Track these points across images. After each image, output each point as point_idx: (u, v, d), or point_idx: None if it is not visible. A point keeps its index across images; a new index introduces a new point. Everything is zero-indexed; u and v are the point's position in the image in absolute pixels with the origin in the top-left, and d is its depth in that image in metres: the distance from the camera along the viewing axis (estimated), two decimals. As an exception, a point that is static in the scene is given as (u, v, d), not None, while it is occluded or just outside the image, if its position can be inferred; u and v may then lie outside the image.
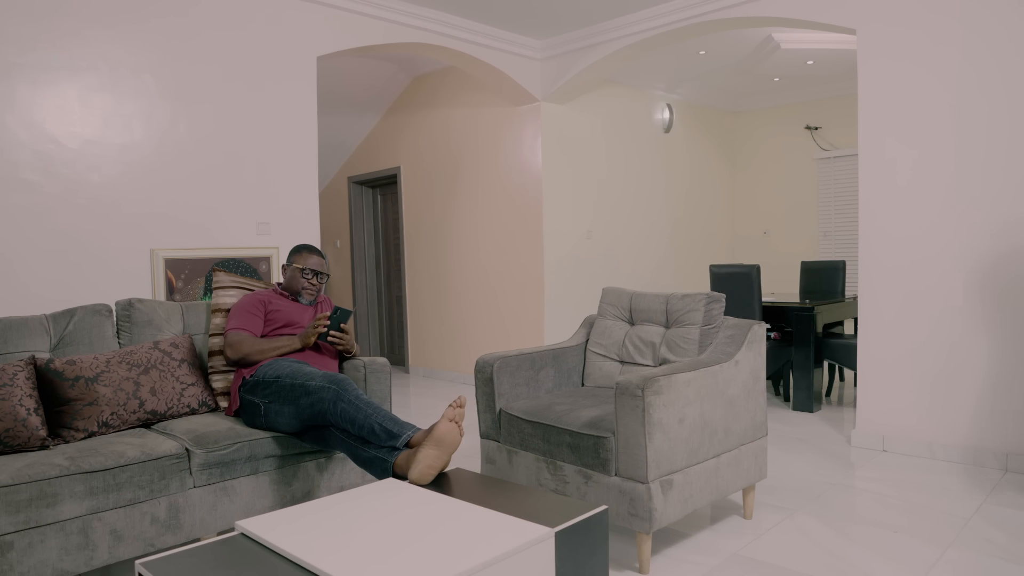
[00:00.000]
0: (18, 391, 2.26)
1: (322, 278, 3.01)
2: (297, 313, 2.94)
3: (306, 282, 2.97)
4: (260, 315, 2.87)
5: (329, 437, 2.42)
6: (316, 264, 2.99)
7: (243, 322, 2.82)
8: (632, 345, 3.04)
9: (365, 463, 2.29)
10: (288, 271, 3.01)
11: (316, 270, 2.98)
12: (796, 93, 6.99)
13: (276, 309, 2.91)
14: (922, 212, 3.64)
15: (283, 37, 3.96)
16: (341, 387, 2.37)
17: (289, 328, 2.89)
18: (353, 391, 2.37)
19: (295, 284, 2.98)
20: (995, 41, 3.39)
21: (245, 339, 2.76)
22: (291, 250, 3.05)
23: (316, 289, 3.00)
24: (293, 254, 3.02)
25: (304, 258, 2.98)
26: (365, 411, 2.30)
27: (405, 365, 6.88)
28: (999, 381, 3.44)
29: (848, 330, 5.88)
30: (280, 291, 3.01)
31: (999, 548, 2.51)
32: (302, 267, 2.96)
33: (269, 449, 2.50)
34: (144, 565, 1.56)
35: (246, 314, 2.85)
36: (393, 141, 6.72)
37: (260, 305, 2.89)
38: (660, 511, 2.30)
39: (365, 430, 2.27)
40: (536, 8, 4.62)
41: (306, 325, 2.91)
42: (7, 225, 3.11)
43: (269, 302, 2.91)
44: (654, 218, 6.64)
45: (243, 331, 2.80)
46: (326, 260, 3.02)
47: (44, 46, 3.19)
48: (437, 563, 1.46)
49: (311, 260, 2.99)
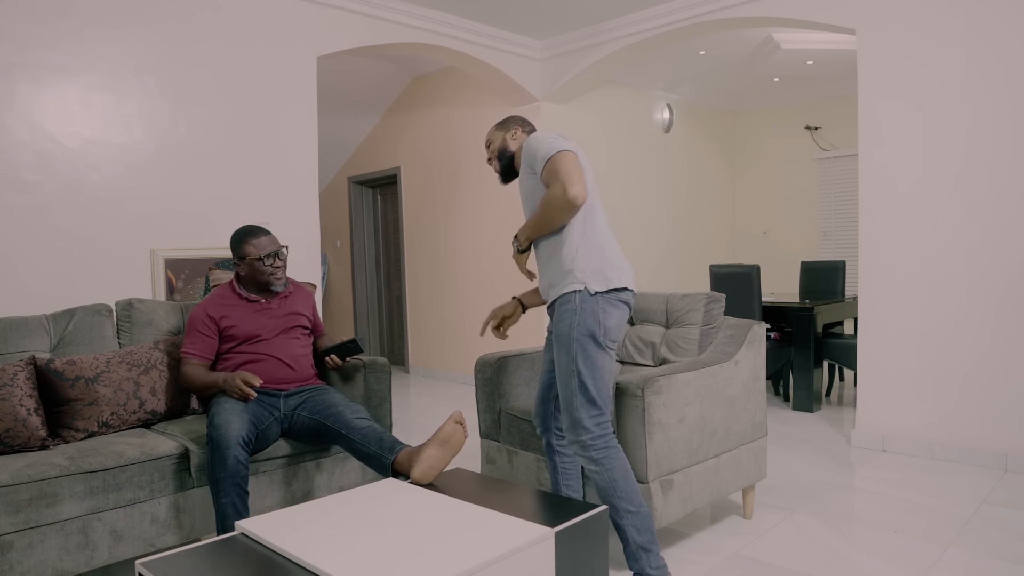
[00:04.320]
0: (18, 391, 2.26)
1: (283, 255, 2.67)
2: (258, 319, 2.63)
3: (270, 268, 2.63)
4: (211, 334, 2.59)
5: (327, 433, 2.43)
6: (271, 244, 2.64)
7: (192, 346, 2.58)
8: (632, 345, 3.04)
9: (365, 458, 2.30)
10: (244, 266, 2.63)
11: (273, 252, 2.63)
12: (796, 93, 6.99)
13: (232, 324, 2.59)
14: (922, 213, 3.64)
15: (283, 37, 3.96)
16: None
17: (248, 344, 2.59)
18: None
19: (259, 277, 2.63)
20: (998, 39, 3.38)
21: (188, 373, 2.54)
22: (233, 241, 2.64)
23: (282, 271, 2.68)
24: (240, 244, 2.62)
25: (256, 244, 2.61)
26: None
27: (405, 365, 6.88)
28: (999, 381, 3.44)
29: (848, 330, 5.88)
30: (238, 289, 2.66)
31: (999, 548, 2.51)
32: (259, 255, 2.61)
33: (269, 450, 2.50)
34: (144, 565, 1.56)
35: (196, 335, 2.59)
36: (393, 141, 6.72)
37: (211, 323, 2.59)
38: (660, 511, 2.30)
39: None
40: (536, 8, 4.62)
41: (274, 327, 2.64)
42: (8, 225, 3.11)
43: (221, 316, 2.59)
44: (654, 218, 6.63)
45: (194, 357, 2.57)
46: (272, 234, 2.70)
47: (44, 46, 3.19)
48: (437, 563, 1.46)
49: (264, 242, 2.62)
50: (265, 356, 2.61)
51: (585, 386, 2.09)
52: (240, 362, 2.60)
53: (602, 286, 2.10)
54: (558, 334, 2.12)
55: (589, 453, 2.11)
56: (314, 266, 4.13)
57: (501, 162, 2.36)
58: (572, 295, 2.10)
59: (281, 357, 2.63)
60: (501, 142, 2.35)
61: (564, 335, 2.10)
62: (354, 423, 2.37)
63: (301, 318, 2.76)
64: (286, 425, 2.54)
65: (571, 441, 2.14)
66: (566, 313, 2.10)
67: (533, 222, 2.16)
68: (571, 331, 2.09)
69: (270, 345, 2.63)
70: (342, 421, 2.40)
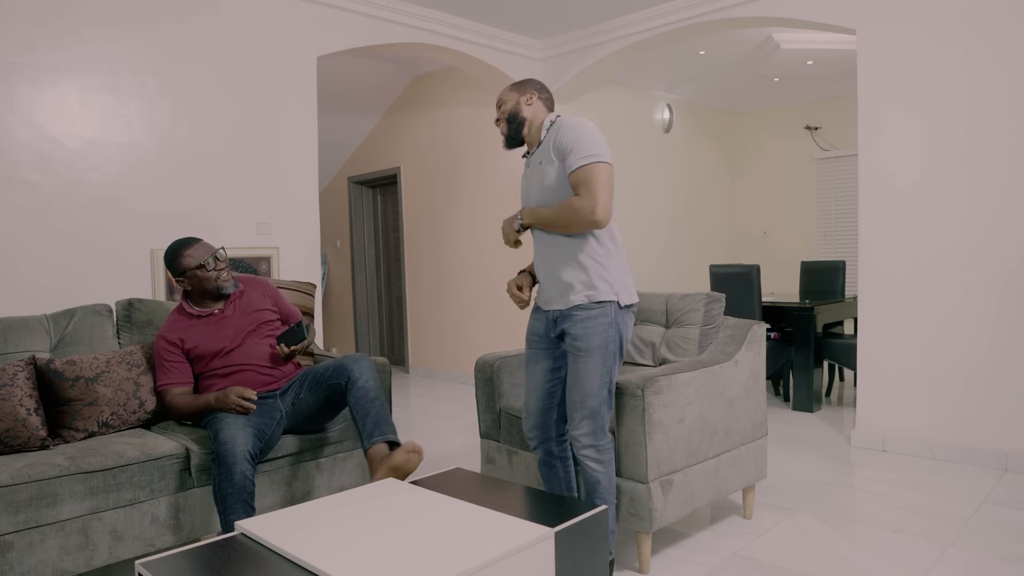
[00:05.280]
0: (18, 391, 2.26)
1: (222, 255, 2.60)
2: (217, 332, 2.56)
3: (215, 272, 2.56)
4: (180, 358, 2.54)
5: (332, 396, 2.51)
6: (206, 249, 2.57)
7: (166, 376, 2.53)
8: (632, 345, 3.04)
9: (354, 421, 2.40)
10: (189, 279, 2.55)
11: (213, 255, 2.57)
12: (796, 93, 6.99)
13: (195, 345, 2.54)
14: (922, 212, 3.64)
15: (283, 37, 3.96)
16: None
17: (219, 358, 2.54)
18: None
19: (206, 285, 2.56)
20: (997, 39, 3.38)
21: (175, 403, 2.50)
22: (167, 261, 2.56)
23: (228, 271, 2.61)
24: (175, 260, 2.54)
25: (191, 254, 2.54)
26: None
27: (405, 365, 6.88)
28: (999, 381, 3.44)
29: (848, 330, 5.88)
30: (188, 308, 2.59)
31: (999, 548, 2.51)
32: (200, 263, 2.53)
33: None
34: (144, 565, 1.56)
35: (166, 365, 2.53)
36: (393, 141, 6.72)
37: (174, 348, 2.53)
38: (660, 511, 2.30)
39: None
40: (536, 8, 4.62)
41: (236, 335, 2.58)
42: (8, 225, 3.11)
43: (182, 339, 2.54)
44: (654, 218, 6.64)
45: (172, 387, 2.52)
46: (202, 239, 2.66)
47: (44, 46, 3.19)
48: (437, 563, 1.46)
49: (198, 250, 2.56)
50: (240, 367, 2.55)
51: (612, 394, 2.17)
52: (219, 380, 2.55)
53: (629, 300, 2.14)
54: (589, 344, 2.09)
55: (602, 456, 2.17)
56: (314, 266, 4.13)
57: (511, 125, 2.23)
58: (607, 306, 2.10)
59: (256, 361, 2.58)
60: (515, 104, 2.22)
61: (598, 345, 2.10)
62: (356, 378, 2.42)
63: (264, 313, 2.67)
64: (289, 421, 2.54)
65: (588, 445, 2.15)
66: (601, 325, 2.09)
67: (545, 218, 2.12)
68: (607, 342, 2.10)
69: (241, 353, 2.57)
70: (344, 372, 2.44)
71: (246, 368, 2.57)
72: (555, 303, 2.17)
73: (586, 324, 2.09)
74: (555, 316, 2.19)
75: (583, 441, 2.15)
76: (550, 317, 2.21)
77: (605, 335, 2.09)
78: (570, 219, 2.06)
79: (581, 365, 2.11)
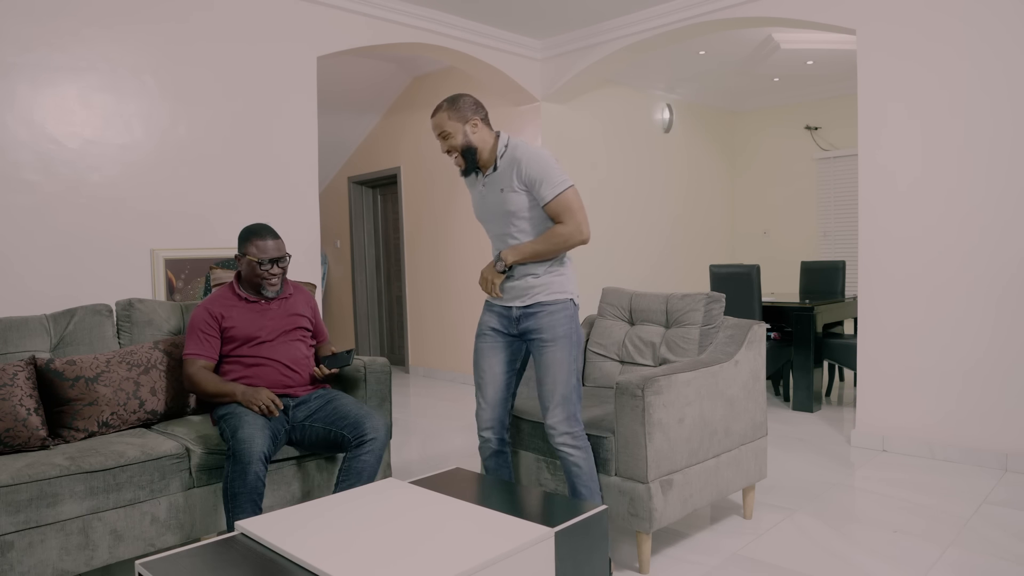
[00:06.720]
0: (18, 391, 2.26)
1: (283, 263, 2.62)
2: (257, 320, 2.60)
3: (265, 273, 2.58)
4: (214, 334, 2.56)
5: (342, 443, 2.48)
6: (274, 250, 2.58)
7: (197, 347, 2.55)
8: (632, 345, 3.04)
9: (337, 480, 2.43)
10: (243, 262, 2.60)
11: (274, 258, 2.58)
12: (796, 93, 6.99)
13: (232, 324, 2.56)
14: (923, 212, 3.64)
15: (283, 37, 3.96)
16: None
17: (248, 347, 2.57)
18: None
19: (252, 279, 2.60)
20: (997, 38, 3.38)
21: (198, 377, 2.51)
22: (241, 236, 2.61)
23: (278, 279, 2.62)
24: (245, 242, 2.59)
25: (258, 246, 2.56)
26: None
27: (405, 365, 6.88)
28: (999, 381, 3.44)
29: (848, 330, 5.88)
30: (238, 290, 2.63)
31: (999, 548, 2.51)
32: (258, 259, 2.56)
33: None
34: (144, 565, 1.56)
35: (200, 336, 2.55)
36: (393, 141, 6.72)
37: (213, 322, 2.56)
38: (660, 511, 2.30)
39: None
40: (536, 8, 4.62)
41: (273, 329, 2.61)
42: (8, 225, 3.11)
43: (223, 315, 2.57)
44: (654, 218, 6.64)
45: (198, 358, 2.54)
46: (281, 239, 2.64)
47: (44, 46, 3.19)
48: (437, 563, 1.46)
49: (267, 247, 2.57)
50: (266, 360, 2.58)
51: (579, 383, 2.31)
52: (241, 368, 2.57)
53: (578, 300, 2.36)
54: (554, 335, 2.26)
55: (579, 442, 2.28)
56: (314, 266, 4.13)
57: (467, 158, 2.28)
58: (568, 303, 2.30)
59: (282, 360, 2.60)
60: (463, 137, 2.25)
61: (563, 336, 2.27)
62: (363, 452, 2.41)
63: (302, 319, 2.72)
64: (294, 436, 2.53)
65: (563, 432, 2.26)
66: (564, 318, 2.28)
67: (531, 251, 2.26)
68: (570, 332, 2.28)
69: (271, 348, 2.59)
70: (359, 431, 2.43)
71: (270, 363, 2.58)
72: (518, 300, 2.32)
73: (551, 318, 2.26)
74: (518, 314, 2.32)
75: (559, 428, 2.25)
76: (513, 315, 2.34)
77: (568, 326, 2.27)
78: (560, 244, 2.24)
79: (548, 355, 2.25)
